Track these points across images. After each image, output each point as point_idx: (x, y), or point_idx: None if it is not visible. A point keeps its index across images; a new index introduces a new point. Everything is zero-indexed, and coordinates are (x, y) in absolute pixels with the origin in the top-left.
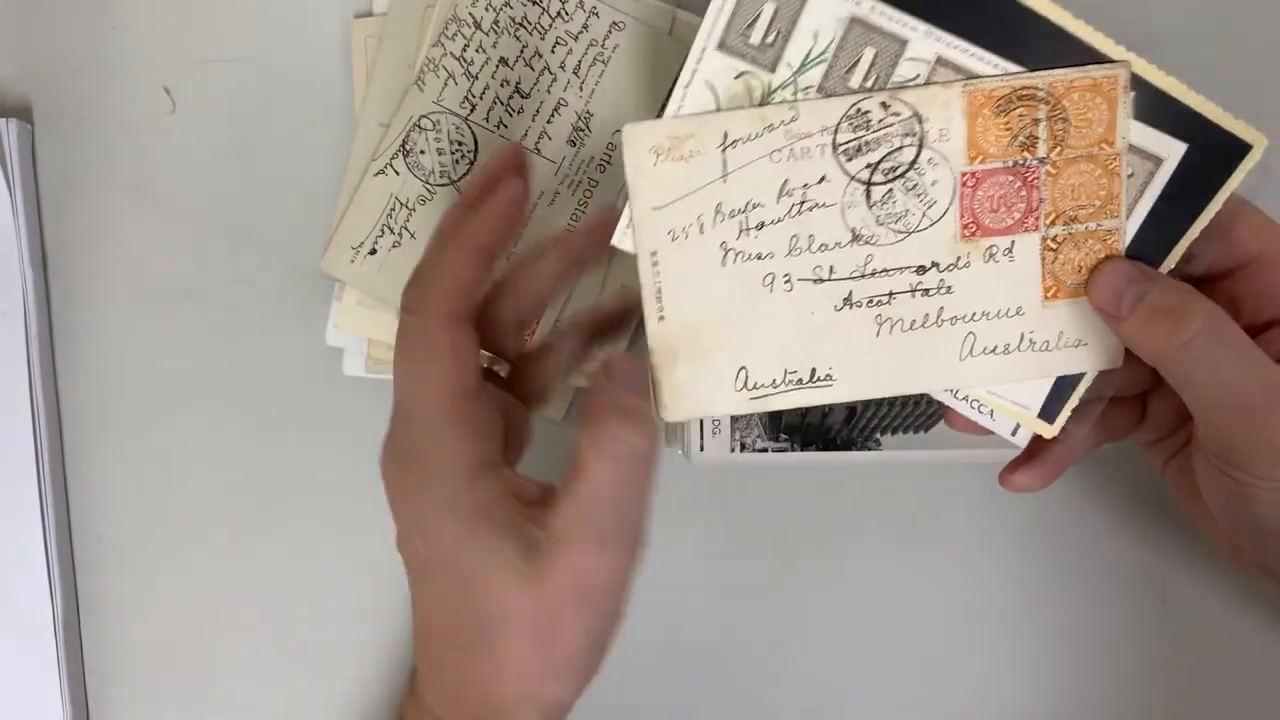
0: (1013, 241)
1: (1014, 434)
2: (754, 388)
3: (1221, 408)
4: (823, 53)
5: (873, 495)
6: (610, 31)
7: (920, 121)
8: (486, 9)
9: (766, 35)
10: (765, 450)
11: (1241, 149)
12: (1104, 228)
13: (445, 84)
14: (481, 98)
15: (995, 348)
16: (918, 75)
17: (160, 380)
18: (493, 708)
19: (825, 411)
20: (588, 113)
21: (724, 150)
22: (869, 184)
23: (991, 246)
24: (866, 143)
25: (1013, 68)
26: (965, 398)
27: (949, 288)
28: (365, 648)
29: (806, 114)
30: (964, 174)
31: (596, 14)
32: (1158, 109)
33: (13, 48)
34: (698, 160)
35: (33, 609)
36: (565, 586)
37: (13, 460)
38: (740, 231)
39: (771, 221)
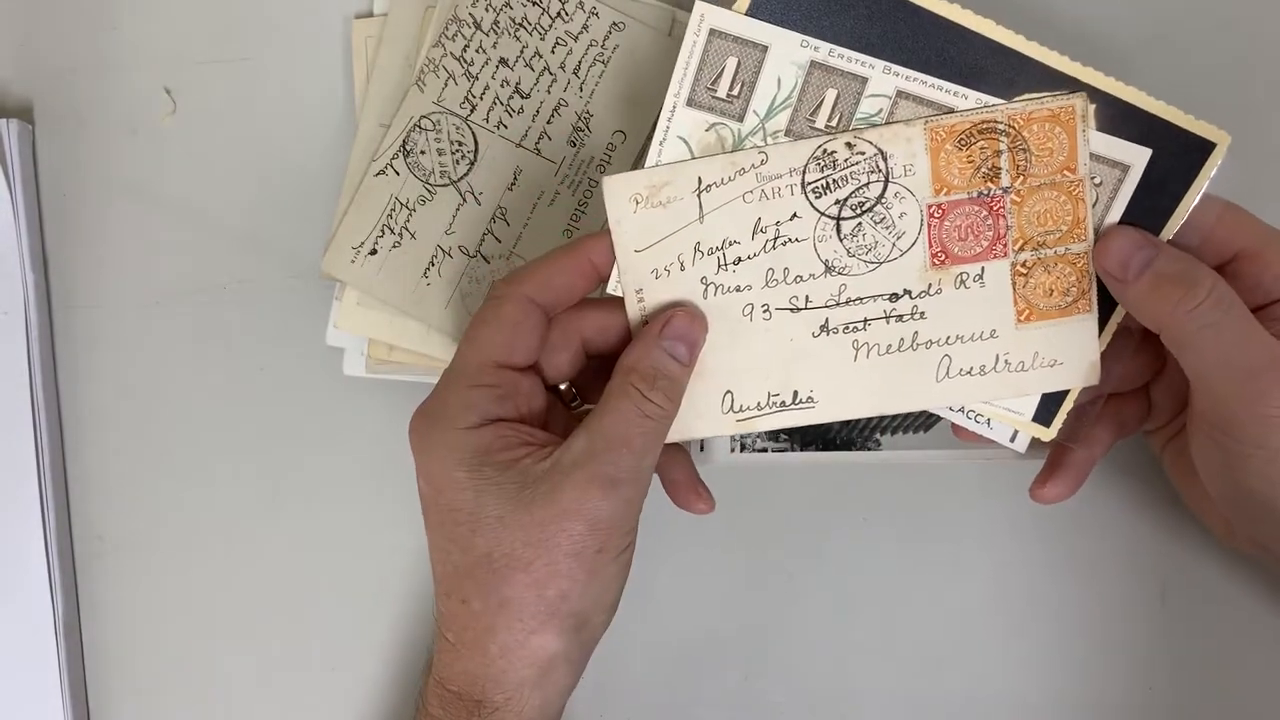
0: (982, 268)
1: (1012, 440)
2: (740, 410)
3: (1223, 373)
4: (787, 98)
5: (873, 495)
6: (610, 32)
7: (885, 158)
8: (487, 9)
9: (731, 87)
10: (765, 450)
11: (1206, 147)
12: (1073, 251)
13: (445, 84)
14: (482, 98)
15: (971, 369)
16: (880, 110)
17: (160, 380)
18: (487, 663)
19: None
20: (588, 113)
21: (699, 194)
22: (839, 219)
23: (962, 273)
24: (834, 180)
25: (972, 94)
26: (960, 408)
27: (922, 313)
28: (365, 646)
29: (775, 157)
30: (930, 206)
31: (596, 14)
32: (1118, 118)
33: (13, 48)
34: (675, 205)
35: (33, 609)
36: (561, 515)
37: (13, 460)
38: (719, 267)
39: (748, 256)
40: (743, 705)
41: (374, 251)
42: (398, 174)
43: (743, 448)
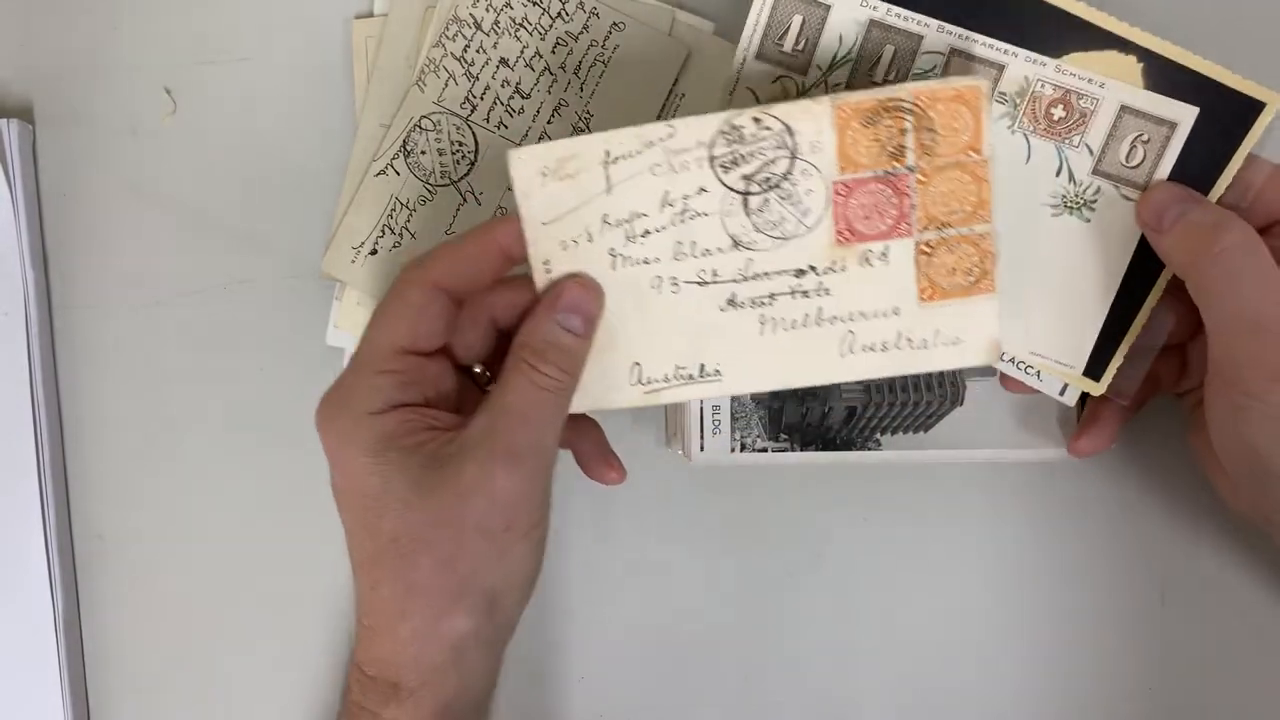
0: (887, 246)
1: (1062, 393)
2: (647, 382)
3: (1236, 322)
4: (848, 54)
5: (873, 495)
6: (610, 32)
7: (791, 134)
8: (487, 9)
9: (797, 43)
10: (765, 450)
11: (1255, 107)
12: (976, 232)
13: (446, 84)
14: (482, 98)
15: (873, 345)
16: (935, 66)
17: (160, 380)
18: (399, 648)
19: (825, 411)
20: (588, 113)
21: (606, 166)
22: (746, 194)
23: (867, 251)
24: (741, 155)
25: (1021, 53)
26: (1011, 359)
27: (827, 290)
28: None
29: (682, 130)
30: (836, 183)
31: (596, 15)
32: (1166, 77)
33: (13, 48)
34: (583, 176)
35: (33, 608)
36: (464, 493)
37: (13, 460)
38: (626, 239)
39: (655, 229)
40: (743, 705)
41: (374, 251)
42: (398, 174)
43: (743, 447)
